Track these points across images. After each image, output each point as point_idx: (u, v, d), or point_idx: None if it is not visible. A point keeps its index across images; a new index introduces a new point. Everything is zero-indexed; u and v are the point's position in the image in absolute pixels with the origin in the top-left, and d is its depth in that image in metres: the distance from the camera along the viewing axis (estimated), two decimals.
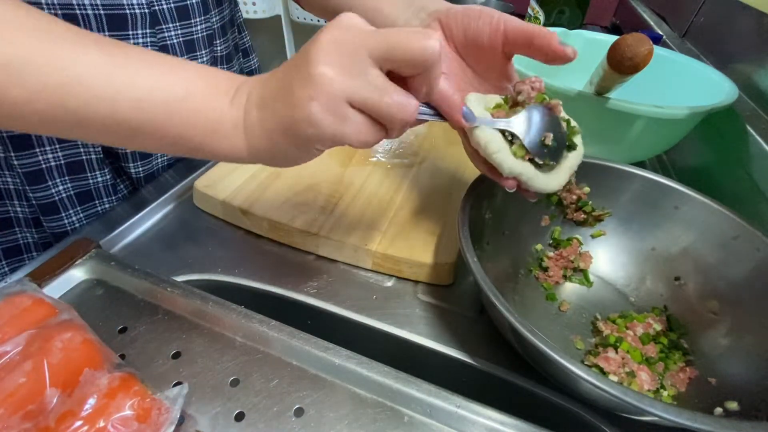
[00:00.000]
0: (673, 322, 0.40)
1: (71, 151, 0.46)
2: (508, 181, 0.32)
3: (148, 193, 0.50)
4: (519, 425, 0.31)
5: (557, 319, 0.42)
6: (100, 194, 0.49)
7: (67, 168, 0.46)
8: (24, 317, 0.30)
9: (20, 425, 0.25)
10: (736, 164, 0.53)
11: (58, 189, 0.46)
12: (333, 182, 0.50)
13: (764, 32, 0.60)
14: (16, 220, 0.48)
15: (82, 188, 0.48)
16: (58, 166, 0.45)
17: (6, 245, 0.49)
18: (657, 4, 1.09)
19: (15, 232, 0.49)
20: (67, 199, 0.47)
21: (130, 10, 0.43)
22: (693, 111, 0.47)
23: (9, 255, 0.49)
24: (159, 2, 0.46)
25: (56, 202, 0.46)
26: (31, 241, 0.50)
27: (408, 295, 0.42)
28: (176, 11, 0.47)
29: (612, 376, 0.35)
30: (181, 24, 0.48)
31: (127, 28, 0.44)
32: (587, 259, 0.45)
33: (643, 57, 0.41)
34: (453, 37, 0.34)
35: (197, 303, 0.36)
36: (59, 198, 0.46)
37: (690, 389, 0.36)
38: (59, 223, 0.47)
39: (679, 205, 0.42)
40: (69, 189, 0.47)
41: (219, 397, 0.31)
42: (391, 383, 0.32)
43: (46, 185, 0.45)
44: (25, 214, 0.48)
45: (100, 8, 0.41)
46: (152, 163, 0.53)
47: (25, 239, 0.49)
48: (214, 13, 0.53)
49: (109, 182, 0.50)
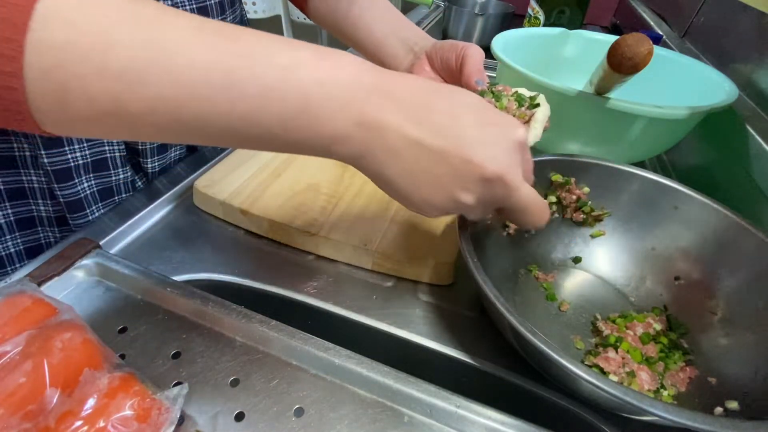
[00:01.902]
0: (673, 322, 0.40)
1: (97, 149, 0.47)
2: None
3: (148, 194, 0.50)
4: (519, 425, 0.31)
5: (557, 319, 0.42)
6: (120, 190, 0.50)
7: (93, 166, 0.47)
8: (24, 317, 0.30)
9: (20, 425, 0.25)
10: (736, 164, 0.53)
11: (84, 186, 0.47)
12: (333, 182, 0.50)
13: (764, 32, 0.60)
14: (39, 219, 0.49)
15: (105, 185, 0.49)
16: (85, 164, 0.46)
17: (28, 244, 0.49)
18: (657, 4, 1.09)
19: (37, 231, 0.49)
20: (91, 196, 0.48)
21: None
22: (693, 111, 0.47)
23: (30, 254, 0.50)
24: (182, 4, 0.47)
25: (81, 200, 0.47)
26: (53, 240, 0.50)
27: (408, 295, 0.42)
28: (197, 12, 0.48)
29: (612, 376, 0.35)
30: None
31: None
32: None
33: (643, 57, 0.41)
34: (435, 65, 0.47)
35: (197, 303, 0.36)
36: (84, 195, 0.47)
37: (690, 389, 0.36)
38: (84, 220, 0.48)
39: (679, 205, 0.42)
40: (93, 186, 0.48)
41: (219, 397, 0.31)
42: (391, 383, 0.32)
43: (73, 183, 0.46)
44: (48, 213, 0.48)
45: None
46: (167, 157, 0.54)
47: (47, 238, 0.50)
48: (229, 12, 0.54)
49: (129, 178, 0.50)
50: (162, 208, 0.49)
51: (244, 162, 0.52)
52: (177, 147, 0.55)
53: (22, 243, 0.49)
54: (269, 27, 1.91)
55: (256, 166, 0.51)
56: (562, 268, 0.46)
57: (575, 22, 1.07)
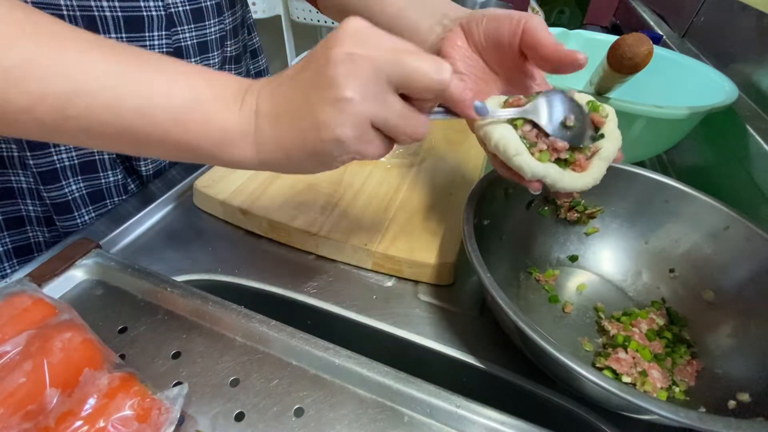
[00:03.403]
0: (673, 315, 0.41)
1: (85, 151, 0.46)
2: (533, 183, 0.31)
3: (149, 194, 0.50)
4: (519, 425, 0.31)
5: (562, 321, 0.42)
6: (111, 194, 0.50)
7: (81, 168, 0.47)
8: (24, 317, 0.30)
9: (20, 425, 0.25)
10: (736, 164, 0.53)
11: (71, 189, 0.47)
12: (333, 182, 0.50)
13: (764, 32, 0.60)
14: (28, 219, 0.49)
15: (94, 188, 0.48)
16: (72, 166, 0.46)
17: (18, 243, 0.49)
18: (657, 4, 1.09)
19: (26, 230, 0.49)
20: (80, 198, 0.48)
21: (147, 12, 0.43)
22: (693, 111, 0.47)
23: (20, 253, 0.50)
24: (175, 4, 0.46)
25: (69, 202, 0.47)
26: (42, 240, 0.50)
27: (408, 295, 0.42)
28: (191, 13, 0.47)
29: (625, 377, 0.35)
30: (195, 26, 0.48)
31: (144, 30, 0.44)
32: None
33: (643, 57, 0.41)
34: (474, 41, 0.35)
35: (197, 303, 0.36)
36: (72, 198, 0.47)
37: (700, 383, 0.36)
38: (72, 222, 0.48)
39: (669, 199, 0.43)
40: (82, 188, 0.48)
41: (219, 397, 0.31)
42: (391, 383, 0.32)
43: (60, 185, 0.45)
44: (37, 213, 0.48)
45: (118, 10, 0.41)
46: (162, 160, 0.53)
47: (36, 238, 0.50)
48: (228, 14, 0.53)
49: (120, 182, 0.50)
50: (162, 208, 0.49)
51: None
52: None
53: (10, 242, 0.49)
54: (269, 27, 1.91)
55: None
56: (561, 268, 0.46)
57: (575, 22, 1.07)
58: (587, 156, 0.31)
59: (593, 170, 0.31)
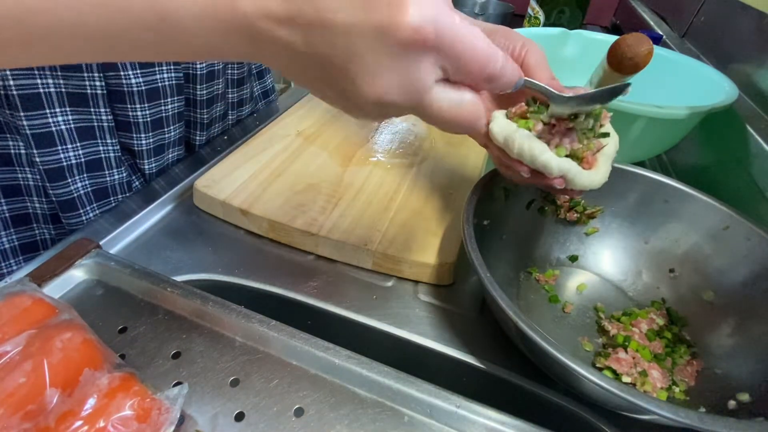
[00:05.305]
0: (673, 315, 0.41)
1: (91, 149, 0.47)
2: (557, 179, 0.32)
3: (150, 192, 0.50)
4: (519, 425, 0.31)
5: (562, 321, 0.42)
6: (116, 191, 0.50)
7: (87, 166, 0.47)
8: (24, 317, 0.30)
9: (20, 425, 0.25)
10: (736, 164, 0.53)
11: (77, 186, 0.47)
12: (333, 182, 0.50)
13: (764, 32, 0.60)
14: (35, 216, 0.49)
15: (99, 185, 0.49)
16: (78, 164, 0.46)
17: (24, 240, 0.50)
18: (657, 4, 1.09)
19: (33, 228, 0.50)
20: (85, 196, 0.48)
21: None
22: (693, 111, 0.47)
23: (26, 250, 0.50)
24: None
25: (75, 199, 0.47)
26: (48, 237, 0.50)
27: (408, 295, 0.42)
28: None
29: (625, 377, 0.35)
30: None
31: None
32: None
33: (643, 57, 0.41)
34: None
35: (197, 303, 0.36)
36: (78, 195, 0.47)
37: (700, 382, 0.36)
38: (77, 219, 0.48)
39: (669, 199, 0.43)
40: (87, 186, 0.48)
41: (219, 397, 0.31)
42: (391, 383, 0.32)
43: (66, 182, 0.46)
44: (43, 210, 0.48)
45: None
46: (164, 158, 0.54)
47: (42, 235, 0.50)
48: None
49: (125, 179, 0.50)
50: (162, 208, 0.49)
51: (244, 162, 0.52)
52: (174, 148, 0.55)
53: (17, 239, 0.49)
54: None
55: (256, 166, 0.51)
56: (561, 268, 0.46)
57: (575, 22, 1.07)
58: (594, 152, 0.32)
59: (601, 168, 0.32)
